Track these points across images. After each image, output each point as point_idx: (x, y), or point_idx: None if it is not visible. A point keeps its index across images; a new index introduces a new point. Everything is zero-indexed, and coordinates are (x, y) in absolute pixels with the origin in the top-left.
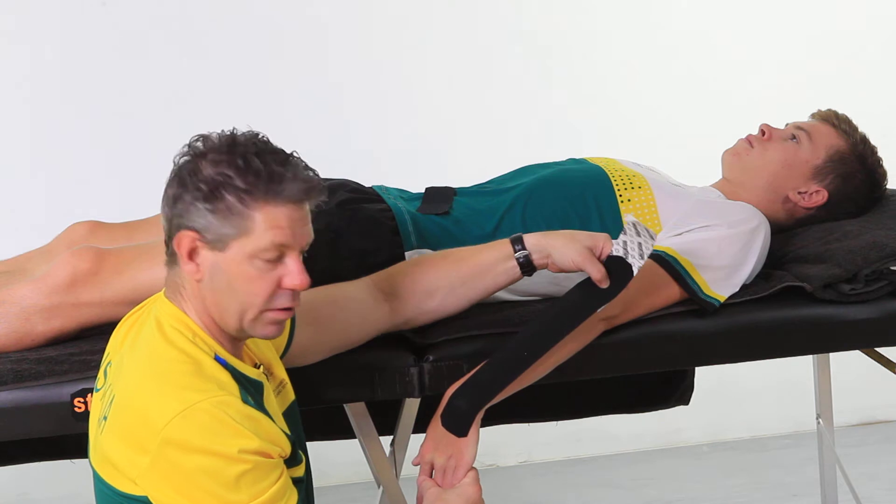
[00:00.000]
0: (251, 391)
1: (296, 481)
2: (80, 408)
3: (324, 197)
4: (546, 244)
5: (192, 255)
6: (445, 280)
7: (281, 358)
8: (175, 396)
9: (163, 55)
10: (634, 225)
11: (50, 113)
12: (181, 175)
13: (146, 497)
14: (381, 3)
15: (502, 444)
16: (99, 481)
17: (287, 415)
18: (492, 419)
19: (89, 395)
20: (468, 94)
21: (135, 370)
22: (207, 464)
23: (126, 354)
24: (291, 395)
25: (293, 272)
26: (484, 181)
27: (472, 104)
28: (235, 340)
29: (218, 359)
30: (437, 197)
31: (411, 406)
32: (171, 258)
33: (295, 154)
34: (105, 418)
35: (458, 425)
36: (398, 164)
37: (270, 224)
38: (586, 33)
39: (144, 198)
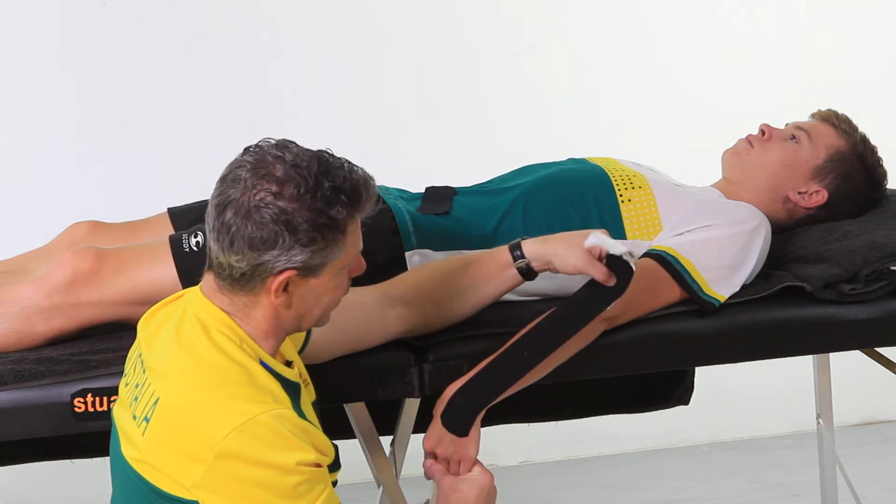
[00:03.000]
0: (291, 394)
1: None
2: (80, 408)
3: None
4: (545, 252)
5: (284, 289)
6: (449, 288)
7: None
8: (233, 408)
9: (163, 55)
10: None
11: (50, 112)
12: (265, 221)
13: (196, 502)
14: (380, 2)
15: (502, 444)
16: (134, 474)
17: None
18: (492, 419)
19: (89, 394)
20: (468, 94)
21: (183, 375)
22: (266, 476)
23: (166, 352)
24: (313, 395)
25: (360, 263)
26: (484, 181)
27: (472, 103)
28: (279, 340)
29: (263, 364)
30: (438, 196)
31: (411, 406)
32: (239, 286)
33: (331, 152)
34: (147, 420)
35: (459, 425)
36: (398, 164)
37: (355, 237)
38: (587, 32)
39: (144, 198)
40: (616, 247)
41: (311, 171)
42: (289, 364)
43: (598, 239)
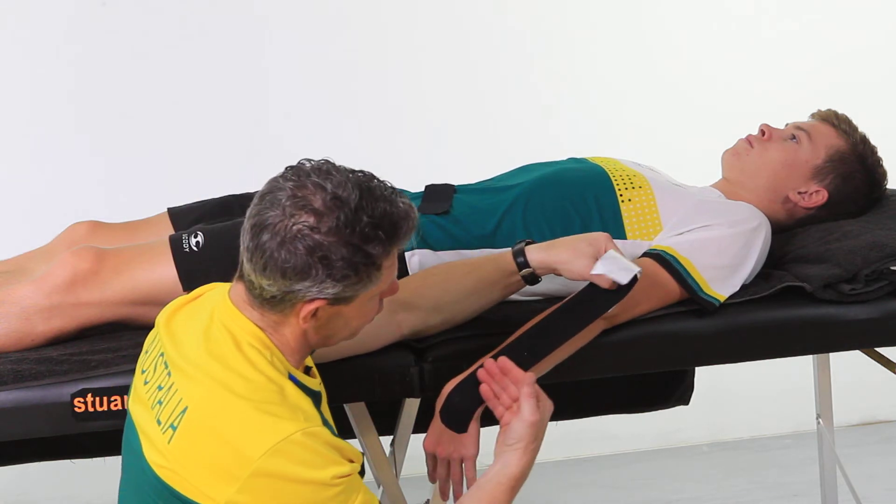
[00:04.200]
0: (317, 406)
1: None
2: (80, 408)
3: None
4: (550, 260)
5: (314, 314)
6: (452, 296)
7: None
8: (267, 426)
9: (163, 55)
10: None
11: (50, 112)
12: (300, 252)
13: None
14: (381, 2)
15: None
16: (155, 477)
17: None
18: (492, 419)
19: (89, 394)
20: (468, 93)
21: (214, 388)
22: (303, 490)
23: (195, 359)
24: (324, 397)
25: (394, 287)
26: (484, 179)
27: (472, 103)
28: (305, 355)
29: (291, 378)
30: (437, 195)
31: (411, 406)
32: (269, 306)
33: (375, 176)
34: (174, 427)
35: (458, 422)
36: (398, 164)
37: (391, 267)
38: (587, 32)
39: (144, 198)
40: (624, 276)
41: (350, 204)
42: (308, 371)
43: (606, 268)
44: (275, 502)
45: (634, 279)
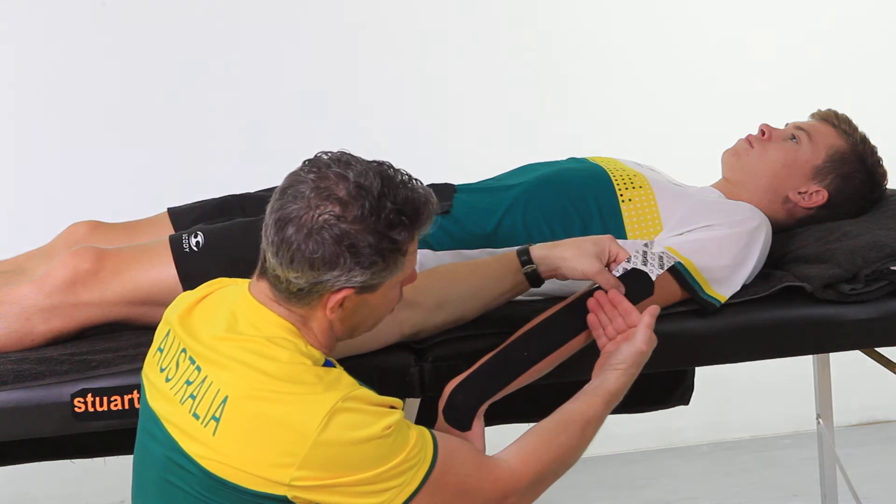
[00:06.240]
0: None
1: None
2: (80, 408)
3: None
4: (553, 258)
5: (340, 304)
6: (455, 294)
7: None
8: (313, 401)
9: (163, 54)
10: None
11: (49, 112)
12: (327, 242)
13: (285, 496)
14: (381, 1)
15: (502, 444)
16: (198, 469)
17: None
18: (492, 419)
19: (89, 394)
20: (468, 93)
21: (252, 374)
22: (361, 450)
23: (225, 350)
24: None
25: (414, 275)
26: (484, 179)
27: (472, 103)
28: (332, 348)
29: (327, 363)
30: (438, 195)
31: (411, 406)
32: (296, 299)
33: (392, 164)
34: (216, 419)
35: (461, 420)
36: (398, 164)
37: (413, 253)
38: (587, 32)
39: (144, 198)
40: (653, 272)
41: (374, 192)
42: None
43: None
44: (339, 468)
45: (649, 281)
